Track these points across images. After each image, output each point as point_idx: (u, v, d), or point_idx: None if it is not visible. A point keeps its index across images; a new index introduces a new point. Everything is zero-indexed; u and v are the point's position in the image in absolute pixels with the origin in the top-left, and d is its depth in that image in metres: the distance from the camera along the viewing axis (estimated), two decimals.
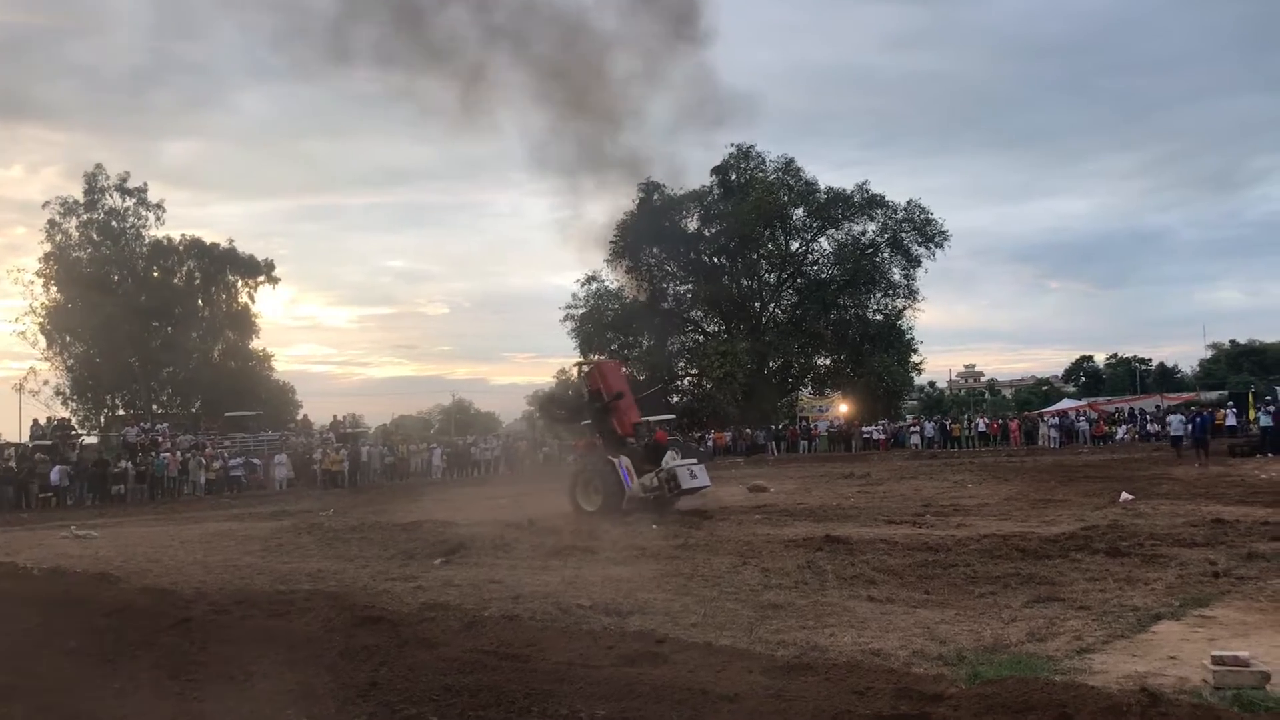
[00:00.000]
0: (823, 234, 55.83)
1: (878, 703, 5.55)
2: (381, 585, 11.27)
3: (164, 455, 35.35)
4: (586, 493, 19.18)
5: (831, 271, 55.74)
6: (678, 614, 8.90)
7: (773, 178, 54.56)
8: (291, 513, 23.70)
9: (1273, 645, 6.99)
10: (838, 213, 54.55)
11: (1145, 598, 8.87)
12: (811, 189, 54.74)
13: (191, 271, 56.99)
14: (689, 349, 56.14)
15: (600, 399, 20.29)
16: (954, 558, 11.53)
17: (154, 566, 13.64)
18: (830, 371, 56.64)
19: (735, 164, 55.20)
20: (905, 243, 54.35)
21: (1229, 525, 13.62)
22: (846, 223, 55.11)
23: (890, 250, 54.86)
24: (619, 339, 54.92)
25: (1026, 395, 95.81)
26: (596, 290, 54.96)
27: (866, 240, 54.97)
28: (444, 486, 35.96)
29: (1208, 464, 26.52)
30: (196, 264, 56.77)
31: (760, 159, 55.35)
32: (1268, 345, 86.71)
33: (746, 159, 55.26)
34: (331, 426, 46.98)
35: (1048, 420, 50.14)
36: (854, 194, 54.03)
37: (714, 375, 50.63)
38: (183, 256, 56.51)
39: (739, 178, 54.92)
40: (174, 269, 56.53)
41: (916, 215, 53.89)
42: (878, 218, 54.53)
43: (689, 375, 55.70)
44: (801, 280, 56.15)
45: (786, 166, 55.12)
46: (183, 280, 56.73)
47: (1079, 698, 5.35)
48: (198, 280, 57.09)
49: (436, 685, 6.22)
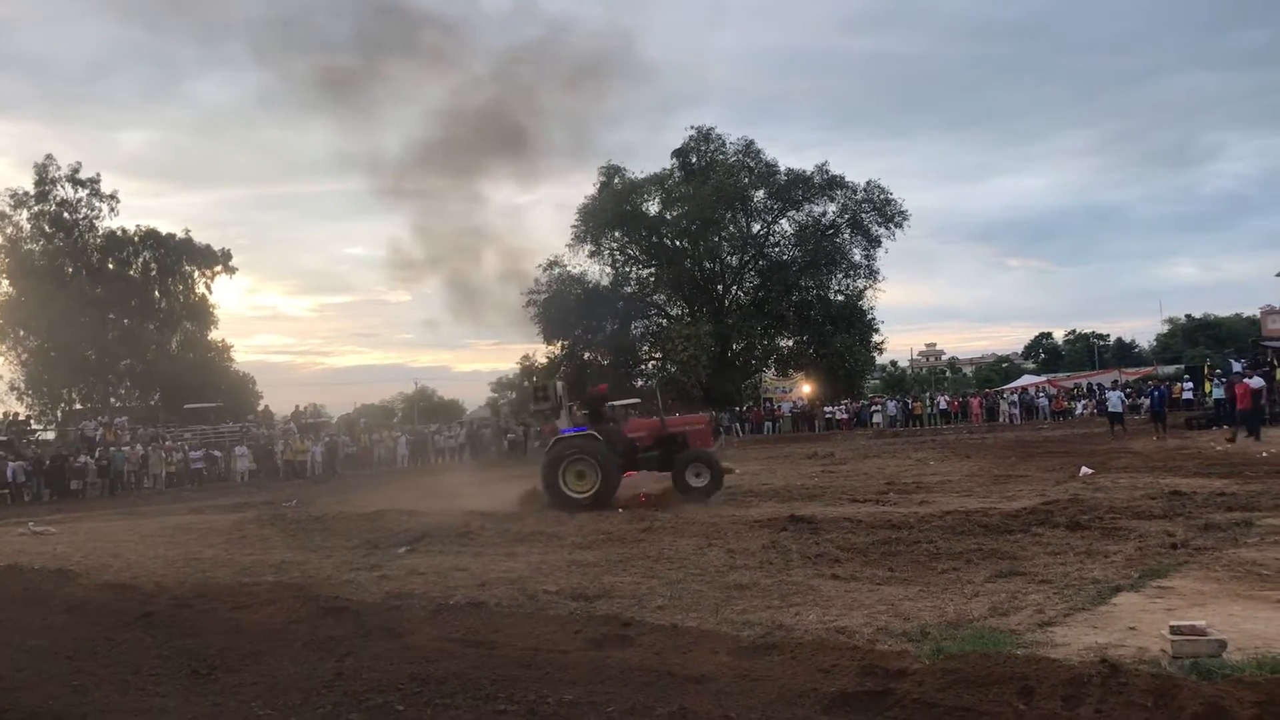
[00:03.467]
0: (783, 216, 55.88)
1: (843, 680, 5.58)
2: (345, 575, 11.19)
3: (123, 449, 34.92)
4: (575, 479, 17.66)
5: (793, 253, 55.84)
6: (644, 597, 8.91)
7: (733, 160, 54.51)
8: (254, 504, 23.52)
9: (1229, 614, 7.10)
10: (798, 194, 54.60)
11: (1105, 570, 8.98)
12: (772, 171, 54.78)
13: (147, 263, 56.27)
14: (652, 333, 56.14)
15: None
16: (917, 535, 11.62)
17: (114, 561, 13.45)
18: (793, 353, 56.79)
19: (695, 146, 55.12)
20: (865, 223, 54.51)
21: (1186, 497, 13.82)
22: (807, 204, 55.19)
23: (850, 231, 55.02)
24: (582, 324, 54.78)
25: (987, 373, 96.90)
26: (559, 275, 54.75)
27: (827, 221, 55.10)
28: (408, 475, 35.80)
29: (1165, 437, 26.91)
30: (152, 255, 56.07)
31: (720, 141, 55.32)
32: (1222, 319, 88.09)
33: (707, 141, 55.20)
34: (293, 417, 46.61)
35: (1008, 397, 50.72)
36: (814, 175, 54.12)
37: (678, 359, 50.66)
38: (138, 248, 55.80)
39: (699, 160, 54.84)
40: (129, 260, 55.78)
41: (876, 196, 54.08)
42: (838, 199, 54.65)
43: (653, 359, 55.72)
44: (763, 262, 56.21)
45: (746, 149, 55.10)
46: (138, 272, 55.99)
47: (1040, 670, 5.41)
48: (154, 271, 56.41)
49: (402, 674, 6.20)
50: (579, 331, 54.85)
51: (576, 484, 17.60)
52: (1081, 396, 49.00)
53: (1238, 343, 61.93)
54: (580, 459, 17.69)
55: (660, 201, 55.00)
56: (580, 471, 17.67)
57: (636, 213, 54.54)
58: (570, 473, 17.67)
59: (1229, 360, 39.53)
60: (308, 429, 43.81)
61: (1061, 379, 62.19)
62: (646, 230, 55.38)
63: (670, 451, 18.62)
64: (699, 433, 19.18)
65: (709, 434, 19.45)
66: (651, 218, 55.11)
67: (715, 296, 56.38)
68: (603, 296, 54.99)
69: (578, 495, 17.41)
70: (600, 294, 54.97)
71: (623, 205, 53.60)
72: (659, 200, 55.03)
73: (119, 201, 54.57)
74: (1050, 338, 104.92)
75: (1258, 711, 4.66)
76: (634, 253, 56.69)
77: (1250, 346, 44.96)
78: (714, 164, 54.12)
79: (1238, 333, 73.15)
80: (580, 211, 54.84)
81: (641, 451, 18.73)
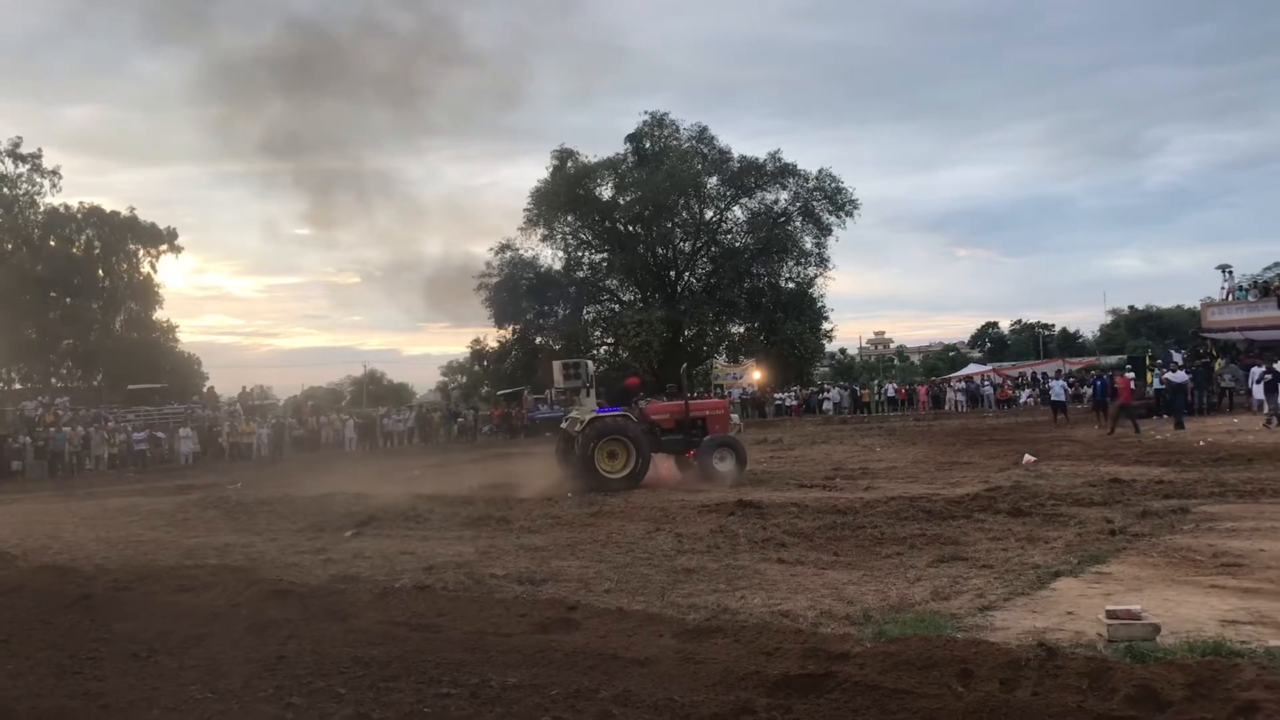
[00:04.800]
0: (736, 203, 55.93)
1: (786, 663, 5.63)
2: (290, 558, 11.10)
3: (64, 429, 34.31)
4: (607, 459, 17.50)
5: (745, 240, 55.94)
6: (591, 581, 8.93)
7: (687, 146, 54.49)
8: (198, 487, 23.22)
9: (1164, 599, 7.25)
10: (751, 182, 54.70)
11: (1045, 556, 9.12)
12: (725, 158, 54.82)
13: (91, 240, 55.27)
14: (605, 318, 56.03)
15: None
16: (862, 520, 11.72)
17: (53, 543, 13.25)
18: (744, 339, 57.01)
19: (649, 132, 55.04)
20: (817, 211, 54.72)
21: (1125, 485, 14.06)
22: (759, 191, 55.30)
23: (802, 219, 55.22)
24: (534, 308, 54.58)
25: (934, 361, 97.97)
26: (511, 259, 54.46)
27: (779, 209, 55.26)
28: (356, 459, 35.53)
29: (1107, 426, 27.36)
30: (96, 233, 55.10)
31: (674, 127, 55.28)
32: (1164, 311, 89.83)
33: (660, 127, 55.14)
34: (240, 398, 46.04)
35: (954, 385, 51.35)
36: (767, 163, 54.20)
37: (630, 344, 50.67)
38: (81, 225, 54.78)
39: (653, 146, 54.75)
40: (72, 238, 54.79)
41: (828, 184, 54.29)
42: (790, 186, 54.81)
43: (605, 344, 55.65)
44: (715, 249, 56.27)
45: (700, 135, 55.12)
46: (81, 249, 54.99)
47: (980, 654, 5.50)
48: (97, 249, 55.42)
49: (346, 657, 6.16)
50: (530, 316, 54.67)
51: (608, 464, 17.59)
52: (1026, 385, 49.73)
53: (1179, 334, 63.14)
54: (615, 439, 17.71)
55: (613, 186, 54.86)
56: (613, 451, 17.69)
57: (589, 197, 54.37)
58: (603, 452, 17.59)
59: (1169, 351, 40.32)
60: (254, 411, 43.32)
61: (1007, 368, 63.14)
62: (599, 215, 55.24)
63: (691, 435, 18.76)
64: (719, 417, 19.37)
65: (727, 418, 19.60)
66: (605, 202, 54.97)
67: (668, 282, 56.41)
68: (555, 281, 54.83)
69: (611, 475, 17.40)
70: (552, 278, 54.80)
71: (576, 189, 53.39)
72: (612, 185, 54.88)
73: (61, 178, 53.63)
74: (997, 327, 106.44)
75: (1188, 693, 4.77)
76: (587, 237, 56.52)
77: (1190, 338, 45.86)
78: (668, 149, 54.06)
79: (1179, 324, 74.50)
80: (533, 195, 54.65)
81: (664, 434, 18.78)
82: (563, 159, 54.65)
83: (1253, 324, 40.47)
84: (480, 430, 45.26)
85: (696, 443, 18.56)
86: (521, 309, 54.23)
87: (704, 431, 18.75)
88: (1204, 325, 43.18)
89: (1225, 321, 42.02)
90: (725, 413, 19.91)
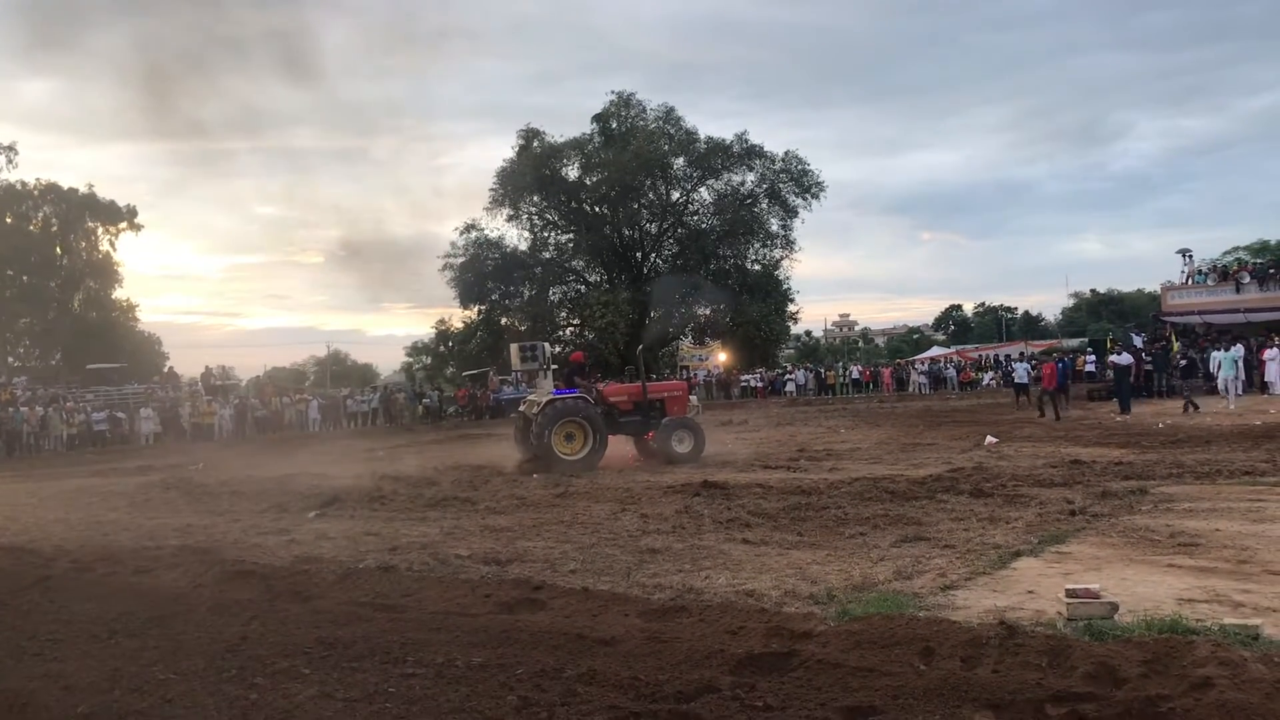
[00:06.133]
0: (703, 184, 55.94)
1: (750, 642, 5.67)
2: (253, 539, 11.03)
3: (21, 409, 33.82)
4: (564, 440, 17.57)
5: (711, 222, 56.00)
6: (557, 561, 8.93)
7: (653, 126, 54.35)
8: (159, 467, 22.99)
9: (1122, 578, 7.35)
10: (717, 163, 54.68)
11: (1006, 536, 9.21)
12: (692, 139, 54.76)
13: (48, 217, 54.40)
14: (571, 299, 55.92)
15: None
16: (826, 500, 11.80)
17: (11, 525, 13.10)
18: (709, 321, 57.09)
19: (616, 112, 54.82)
20: (783, 193, 54.87)
21: (1086, 466, 14.24)
22: (726, 173, 55.33)
23: (768, 201, 55.36)
24: (499, 289, 54.37)
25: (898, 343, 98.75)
26: (476, 239, 54.20)
27: (745, 191, 55.34)
28: (320, 440, 35.30)
29: (1068, 408, 27.67)
30: (53, 210, 54.19)
31: (641, 107, 55.11)
32: (1125, 294, 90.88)
33: (627, 107, 54.93)
34: (202, 378, 45.56)
35: (918, 367, 51.65)
36: (733, 144, 54.22)
37: (596, 325, 50.60)
38: (38, 202, 53.86)
39: (620, 126, 54.56)
40: (28, 215, 53.83)
41: (794, 166, 54.45)
42: (756, 168, 54.89)
43: (571, 325, 55.54)
44: (682, 230, 56.28)
45: (667, 115, 54.99)
46: (38, 227, 54.06)
47: (941, 632, 5.56)
48: (55, 227, 54.54)
49: (309, 638, 6.13)
50: (496, 296, 54.47)
51: (565, 446, 17.63)
52: (988, 368, 50.15)
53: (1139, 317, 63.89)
54: (572, 421, 17.74)
55: (580, 166, 54.70)
56: (570, 433, 17.74)
57: (556, 177, 54.19)
58: (560, 434, 17.63)
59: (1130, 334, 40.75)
60: (216, 391, 42.90)
61: (970, 351, 63.65)
62: (566, 195, 55.06)
63: (649, 416, 18.81)
64: (678, 399, 19.46)
65: (686, 400, 19.67)
66: (571, 183, 54.79)
67: (634, 264, 56.36)
68: (520, 261, 54.64)
69: (569, 457, 17.44)
70: (518, 259, 54.60)
71: (542, 169, 53.17)
72: (579, 165, 54.71)
73: (17, 154, 52.61)
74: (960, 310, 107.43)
75: (1144, 670, 4.85)
76: (553, 218, 56.34)
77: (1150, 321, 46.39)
78: (634, 130, 53.91)
79: (1140, 307, 75.48)
80: (498, 175, 54.38)
81: (622, 415, 18.81)
82: (529, 139, 54.39)
83: (1211, 308, 41.01)
84: (445, 411, 45.05)
85: (655, 424, 18.63)
86: (487, 289, 54.04)
87: (663, 413, 18.84)
88: (1164, 309, 43.66)
89: (1185, 305, 42.51)
90: (684, 395, 19.98)
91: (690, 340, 58.50)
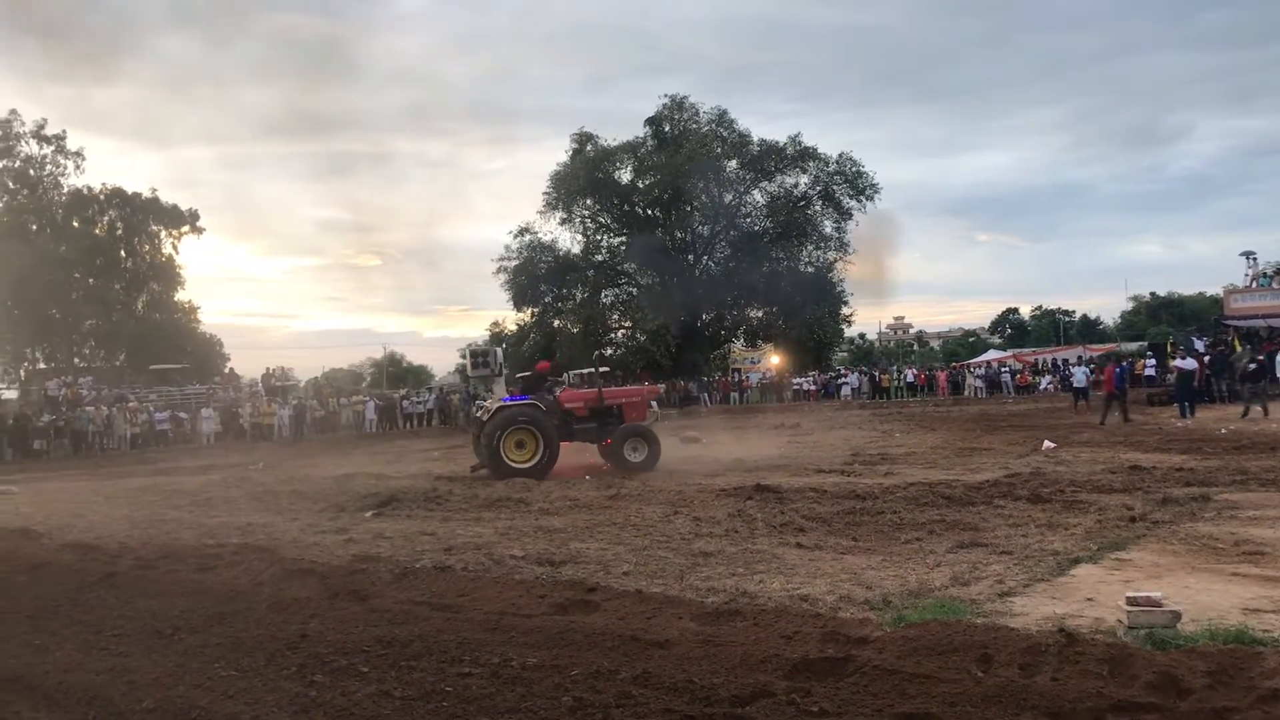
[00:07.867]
0: (755, 186, 55.76)
1: (805, 646, 5.64)
2: (311, 538, 11.17)
3: (87, 409, 34.58)
4: (515, 448, 17.35)
5: (764, 224, 55.79)
6: (610, 563, 8.95)
7: (706, 129, 54.30)
8: (220, 467, 23.38)
9: (1184, 586, 7.22)
10: (770, 165, 54.49)
11: (1065, 542, 9.09)
12: (745, 141, 54.64)
13: (113, 221, 55.54)
14: (623, 301, 56.04)
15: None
16: (881, 505, 11.71)
17: (77, 522, 13.37)
18: (762, 324, 56.89)
19: (669, 115, 54.89)
20: (836, 195, 54.52)
21: (1146, 472, 14.00)
22: (779, 175, 55.10)
23: (822, 203, 55.05)
24: (552, 291, 54.64)
25: (954, 346, 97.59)
26: (529, 242, 54.50)
27: (798, 193, 55.08)
28: (376, 440, 35.70)
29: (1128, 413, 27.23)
30: (118, 214, 55.35)
31: (694, 110, 55.11)
32: (1185, 297, 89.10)
33: (680, 110, 54.97)
34: (262, 379, 46.28)
35: (974, 371, 51.11)
36: (786, 146, 54.01)
37: (647, 328, 50.66)
38: (104, 206, 55.02)
39: (672, 129, 54.60)
40: (95, 219, 55.02)
41: (848, 168, 54.08)
42: (810, 170, 54.60)
43: (622, 328, 55.66)
44: (734, 233, 56.14)
45: (720, 118, 54.93)
46: (104, 230, 55.25)
47: (999, 639, 5.50)
48: (119, 230, 55.69)
49: (368, 636, 6.21)
50: (549, 299, 54.75)
51: (516, 453, 17.36)
52: (1046, 372, 49.48)
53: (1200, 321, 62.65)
54: (522, 428, 17.44)
55: (632, 170, 54.84)
56: (520, 440, 17.45)
57: (608, 181, 54.37)
58: (510, 441, 17.36)
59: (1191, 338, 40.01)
60: (275, 392, 43.55)
61: (1027, 354, 62.80)
62: (618, 198, 55.22)
63: (606, 423, 18.54)
64: (635, 405, 19.06)
65: (645, 406, 19.22)
66: (623, 186, 54.94)
67: (686, 266, 56.35)
68: (573, 264, 54.87)
69: (518, 465, 17.14)
70: (571, 262, 54.84)
71: (595, 173, 53.41)
72: (631, 168, 54.86)
73: (85, 159, 53.83)
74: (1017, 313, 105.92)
75: (1209, 680, 4.76)
76: (605, 221, 56.52)
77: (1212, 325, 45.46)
78: (687, 133, 53.91)
79: (1201, 311, 73.89)
80: (552, 178, 54.66)
81: (578, 422, 18.57)
82: (582, 142, 54.65)
83: (1276, 311, 40.06)
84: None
85: (613, 431, 18.30)
86: (540, 292, 54.33)
87: (620, 420, 18.54)
88: (1226, 312, 42.74)
89: (1249, 309, 41.55)
90: (643, 401, 19.48)
91: (743, 343, 58.38)
